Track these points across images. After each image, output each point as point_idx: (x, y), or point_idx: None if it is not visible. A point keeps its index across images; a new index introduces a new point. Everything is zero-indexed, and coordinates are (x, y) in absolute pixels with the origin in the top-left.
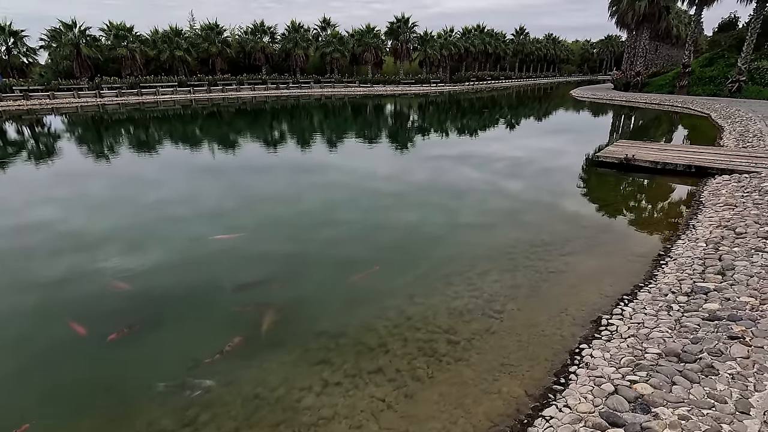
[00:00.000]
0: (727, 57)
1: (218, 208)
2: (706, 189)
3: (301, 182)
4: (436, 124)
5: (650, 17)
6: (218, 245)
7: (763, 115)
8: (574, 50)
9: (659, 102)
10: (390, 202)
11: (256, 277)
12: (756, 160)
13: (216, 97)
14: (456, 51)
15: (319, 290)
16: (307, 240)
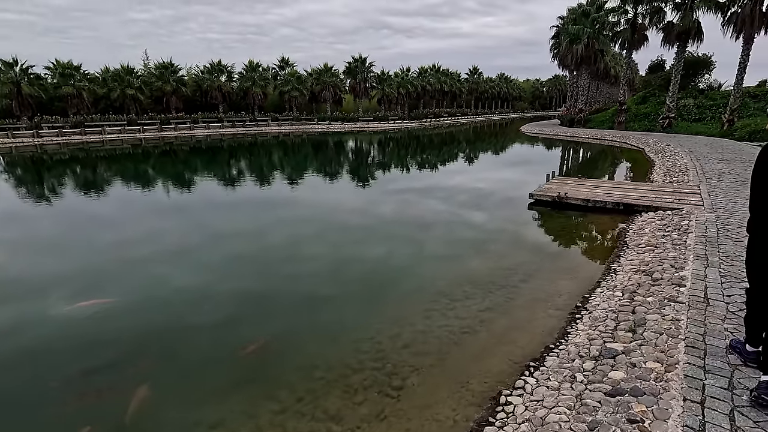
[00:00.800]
0: (658, 95)
1: (125, 254)
2: (632, 228)
3: (248, 220)
4: (385, 160)
5: (587, 59)
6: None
7: (689, 150)
8: (525, 88)
9: (600, 137)
10: (312, 244)
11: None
12: (679, 196)
13: (168, 136)
14: (413, 89)
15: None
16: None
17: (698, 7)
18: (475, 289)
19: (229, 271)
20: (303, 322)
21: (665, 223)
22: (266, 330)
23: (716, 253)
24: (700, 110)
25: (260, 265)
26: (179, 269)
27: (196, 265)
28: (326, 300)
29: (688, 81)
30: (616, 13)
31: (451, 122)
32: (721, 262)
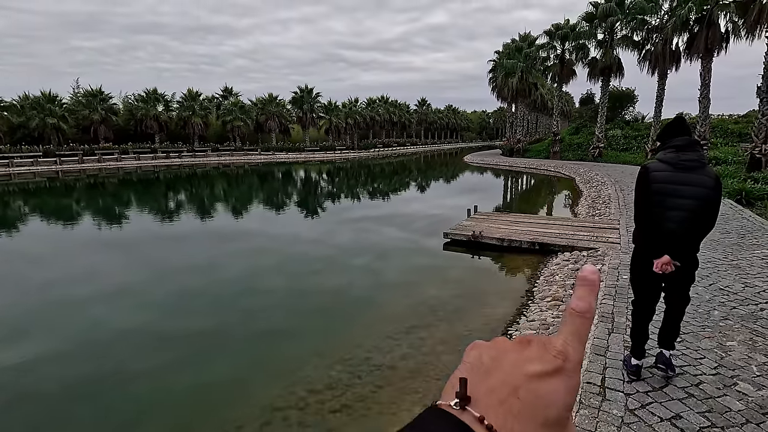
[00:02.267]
0: (589, 126)
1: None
2: (543, 274)
3: (169, 256)
4: (308, 194)
5: (522, 92)
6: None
7: (615, 179)
8: (473, 119)
9: (536, 166)
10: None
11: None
12: (597, 232)
13: (91, 168)
14: (362, 120)
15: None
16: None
17: (617, 45)
18: (369, 354)
19: (162, 312)
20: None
21: (578, 267)
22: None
23: (624, 310)
24: (627, 140)
25: (184, 305)
26: (112, 311)
27: (129, 307)
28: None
29: (615, 113)
30: (546, 48)
31: (400, 152)
32: (629, 323)
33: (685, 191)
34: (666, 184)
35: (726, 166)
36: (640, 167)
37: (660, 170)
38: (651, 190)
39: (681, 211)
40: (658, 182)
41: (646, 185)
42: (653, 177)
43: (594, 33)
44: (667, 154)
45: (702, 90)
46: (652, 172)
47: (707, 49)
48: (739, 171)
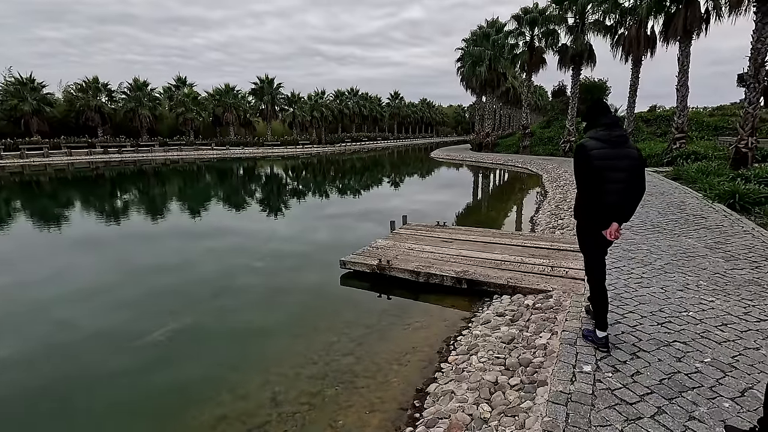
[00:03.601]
0: (560, 120)
1: None
2: (458, 345)
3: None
4: (240, 194)
5: (491, 82)
6: None
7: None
8: (448, 114)
9: (503, 162)
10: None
11: None
12: (554, 258)
13: (11, 165)
14: (329, 113)
15: None
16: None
17: (589, 30)
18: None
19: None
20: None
21: (513, 334)
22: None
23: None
24: None
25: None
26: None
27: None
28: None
29: (587, 105)
30: (515, 35)
31: (370, 147)
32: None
33: (620, 164)
34: (604, 159)
35: (707, 162)
36: (576, 146)
37: (597, 147)
38: (593, 166)
39: (619, 183)
40: (598, 159)
41: (588, 163)
42: (593, 155)
43: (564, 17)
44: (599, 132)
45: (680, 77)
46: (591, 150)
47: (686, 31)
48: (723, 168)
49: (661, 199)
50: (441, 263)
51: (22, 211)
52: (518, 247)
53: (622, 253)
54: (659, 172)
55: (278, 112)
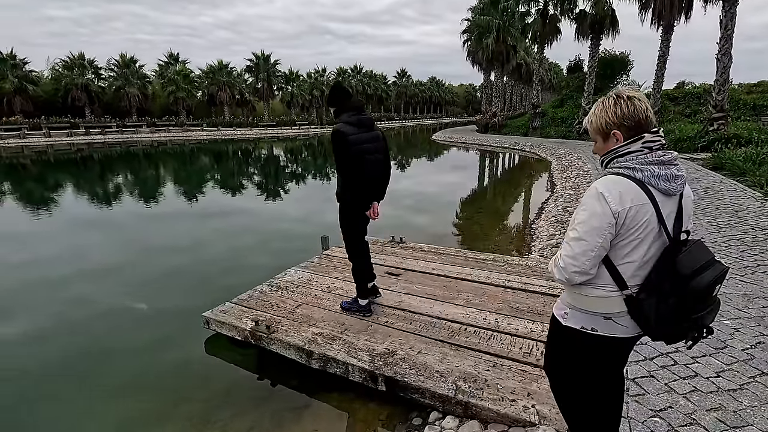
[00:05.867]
0: (576, 98)
1: None
2: None
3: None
4: (192, 183)
5: (498, 55)
6: None
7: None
8: (459, 93)
9: (510, 145)
10: None
11: None
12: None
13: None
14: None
15: None
16: None
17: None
18: None
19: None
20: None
21: None
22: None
23: None
24: None
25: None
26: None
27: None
28: None
29: (606, 82)
30: (525, 1)
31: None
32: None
33: (373, 147)
34: (361, 144)
35: (756, 149)
36: (334, 131)
37: (353, 133)
38: (353, 151)
39: (376, 164)
40: (356, 144)
41: (348, 148)
42: (351, 140)
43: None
44: (352, 117)
45: (721, 44)
46: (350, 136)
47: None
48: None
49: (706, 200)
50: (357, 331)
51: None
52: (497, 287)
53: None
54: (694, 159)
55: (276, 91)
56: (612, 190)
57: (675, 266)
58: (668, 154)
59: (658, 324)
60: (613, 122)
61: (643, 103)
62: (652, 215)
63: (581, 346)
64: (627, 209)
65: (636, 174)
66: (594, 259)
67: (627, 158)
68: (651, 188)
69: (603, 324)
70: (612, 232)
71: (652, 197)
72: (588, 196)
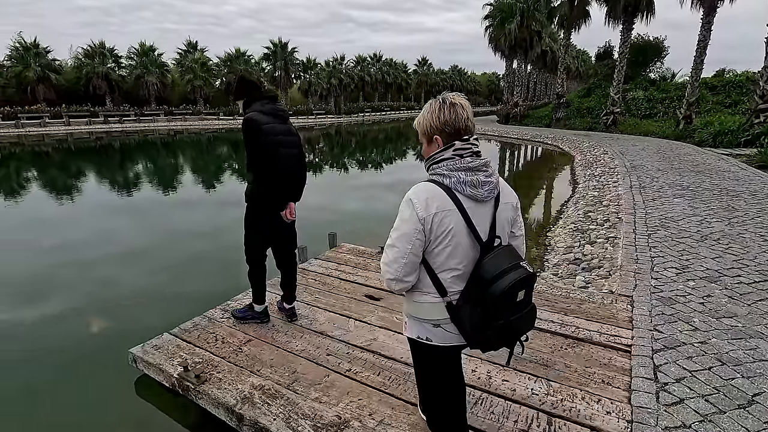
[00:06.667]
0: (604, 87)
1: None
2: None
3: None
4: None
5: (522, 42)
6: None
7: (633, 163)
8: (482, 82)
9: (531, 136)
10: None
11: None
12: (561, 393)
13: (7, 135)
14: (350, 80)
15: None
16: None
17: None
18: None
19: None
20: None
21: None
22: None
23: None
24: (651, 104)
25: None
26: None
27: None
28: None
29: (638, 70)
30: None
31: (391, 117)
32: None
33: (289, 141)
34: (276, 135)
35: None
36: (244, 120)
37: (268, 123)
38: (266, 142)
39: (291, 159)
40: (270, 134)
41: (261, 138)
42: (265, 129)
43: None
44: (266, 106)
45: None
46: (264, 125)
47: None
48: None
49: (756, 207)
50: (309, 384)
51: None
52: None
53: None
54: (738, 155)
55: (294, 80)
56: (420, 197)
57: (479, 272)
58: (477, 161)
59: (473, 331)
60: (436, 127)
61: (465, 111)
62: (459, 221)
63: (421, 353)
64: (432, 215)
65: (444, 180)
66: (406, 267)
67: (440, 165)
68: (458, 194)
69: (434, 332)
70: (420, 238)
71: (459, 203)
72: (402, 203)
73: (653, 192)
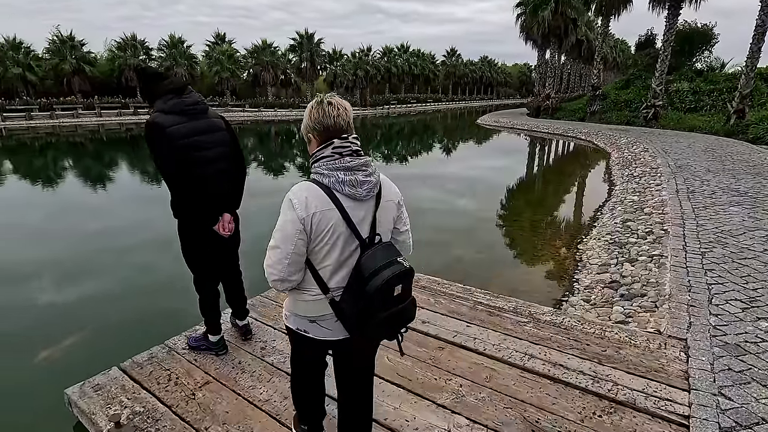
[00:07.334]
0: (644, 78)
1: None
2: None
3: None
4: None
5: (556, 30)
6: None
7: (677, 162)
8: (512, 73)
9: (562, 131)
10: None
11: None
12: None
13: (43, 125)
14: (376, 72)
15: None
16: None
17: None
18: None
19: None
20: None
21: None
22: None
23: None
24: (697, 96)
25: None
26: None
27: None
28: None
29: (683, 60)
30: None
31: (418, 110)
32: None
33: (207, 141)
34: (186, 137)
35: None
36: (148, 124)
37: (174, 123)
38: (174, 148)
39: (216, 162)
40: (178, 138)
41: (166, 145)
42: (171, 133)
43: None
44: (169, 103)
45: None
46: (168, 128)
47: None
48: None
49: None
50: None
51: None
52: (511, 367)
53: None
54: None
55: (319, 71)
56: (300, 197)
57: (358, 269)
58: (356, 160)
59: (358, 325)
60: (310, 126)
61: (334, 108)
62: (339, 220)
63: (298, 341)
64: (312, 215)
65: (324, 180)
66: (291, 266)
67: (320, 163)
68: (337, 193)
69: (310, 327)
70: (302, 238)
71: (338, 202)
72: (283, 203)
73: (704, 198)
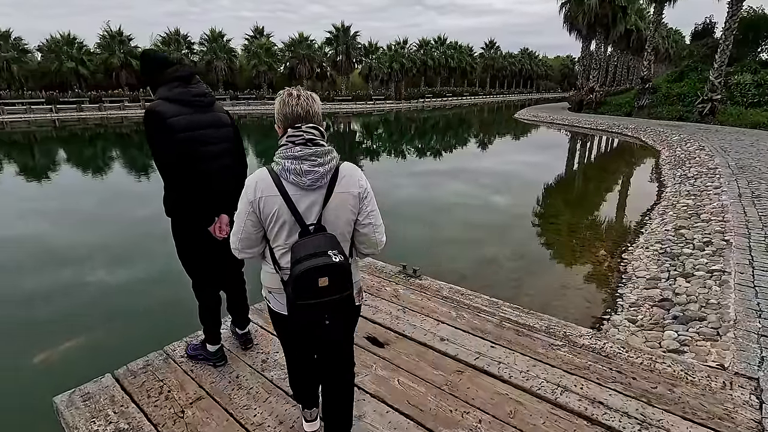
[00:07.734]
0: (701, 70)
1: None
2: None
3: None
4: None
5: (602, 19)
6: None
7: (738, 163)
8: (554, 66)
9: (606, 127)
10: None
11: None
12: None
13: (92, 117)
14: (412, 65)
15: None
16: None
17: None
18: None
19: None
20: None
21: None
22: None
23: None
24: (761, 90)
25: None
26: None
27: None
28: None
29: (745, 50)
30: None
31: (454, 103)
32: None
33: (213, 135)
34: (191, 130)
35: None
36: (147, 111)
37: (177, 114)
38: (175, 140)
39: (218, 159)
40: (181, 130)
41: (167, 136)
42: (173, 124)
43: None
44: (174, 91)
45: None
46: (170, 119)
47: None
48: None
49: None
50: None
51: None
52: (540, 400)
53: None
54: None
55: (355, 64)
56: (251, 182)
57: (291, 254)
58: (305, 150)
59: (288, 306)
60: (276, 117)
61: (293, 98)
62: (282, 206)
63: (269, 310)
64: (258, 199)
65: (275, 167)
66: (243, 241)
67: (277, 151)
68: (284, 181)
69: (271, 297)
70: (252, 219)
71: (283, 189)
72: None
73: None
